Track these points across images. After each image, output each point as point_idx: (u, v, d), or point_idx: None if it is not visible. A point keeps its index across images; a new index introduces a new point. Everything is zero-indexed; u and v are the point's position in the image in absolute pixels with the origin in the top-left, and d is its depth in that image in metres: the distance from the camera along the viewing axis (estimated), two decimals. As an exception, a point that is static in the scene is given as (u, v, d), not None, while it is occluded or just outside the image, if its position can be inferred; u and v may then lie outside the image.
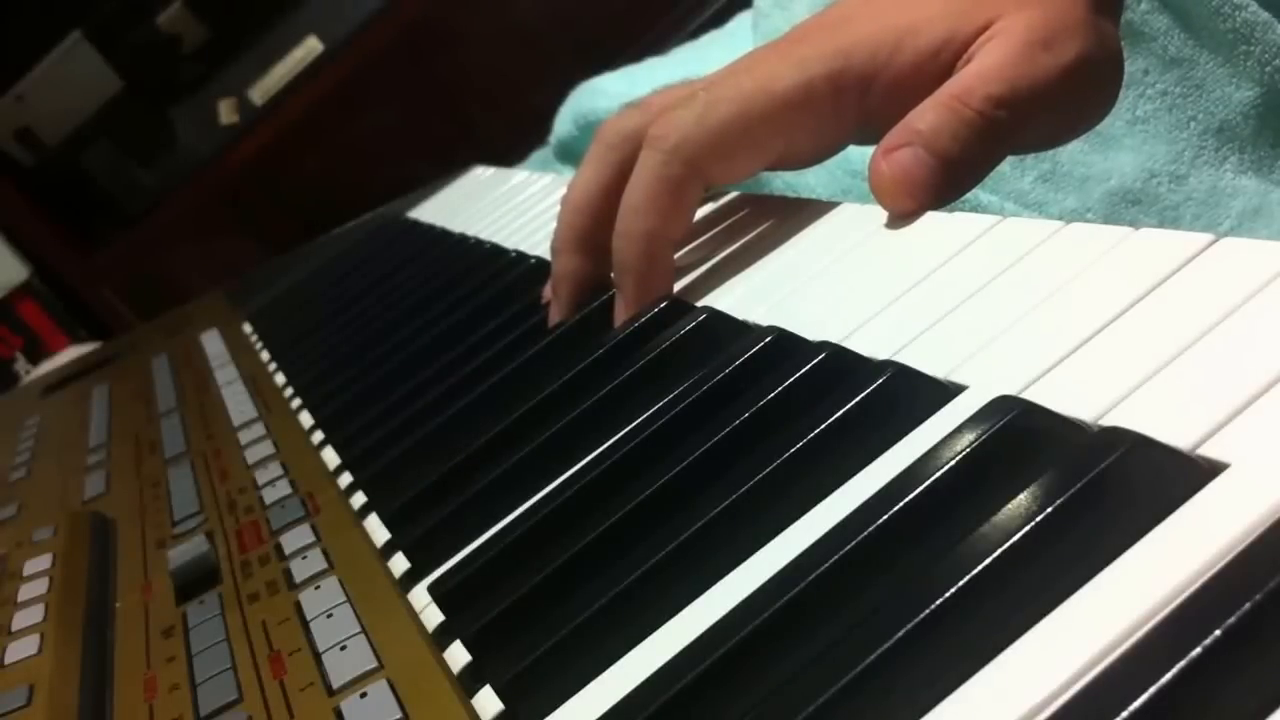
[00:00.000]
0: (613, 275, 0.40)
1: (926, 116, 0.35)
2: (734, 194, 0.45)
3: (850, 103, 0.37)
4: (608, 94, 0.74)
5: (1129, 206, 0.52)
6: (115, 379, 0.76)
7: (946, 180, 0.35)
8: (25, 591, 0.40)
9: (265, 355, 0.64)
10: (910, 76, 0.37)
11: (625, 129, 0.41)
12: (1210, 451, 0.20)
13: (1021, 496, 0.21)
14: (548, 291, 0.44)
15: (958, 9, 0.37)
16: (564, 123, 0.77)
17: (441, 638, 0.29)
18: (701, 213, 0.45)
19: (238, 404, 0.56)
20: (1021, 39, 0.36)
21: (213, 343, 0.72)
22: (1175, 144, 0.52)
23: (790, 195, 0.54)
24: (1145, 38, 0.51)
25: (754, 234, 0.41)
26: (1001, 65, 0.35)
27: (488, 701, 0.26)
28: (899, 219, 0.35)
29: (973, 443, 0.23)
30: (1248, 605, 0.17)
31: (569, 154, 0.77)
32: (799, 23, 0.40)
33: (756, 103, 0.37)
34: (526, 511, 0.32)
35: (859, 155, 0.43)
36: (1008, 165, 0.53)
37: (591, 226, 0.42)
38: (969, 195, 0.39)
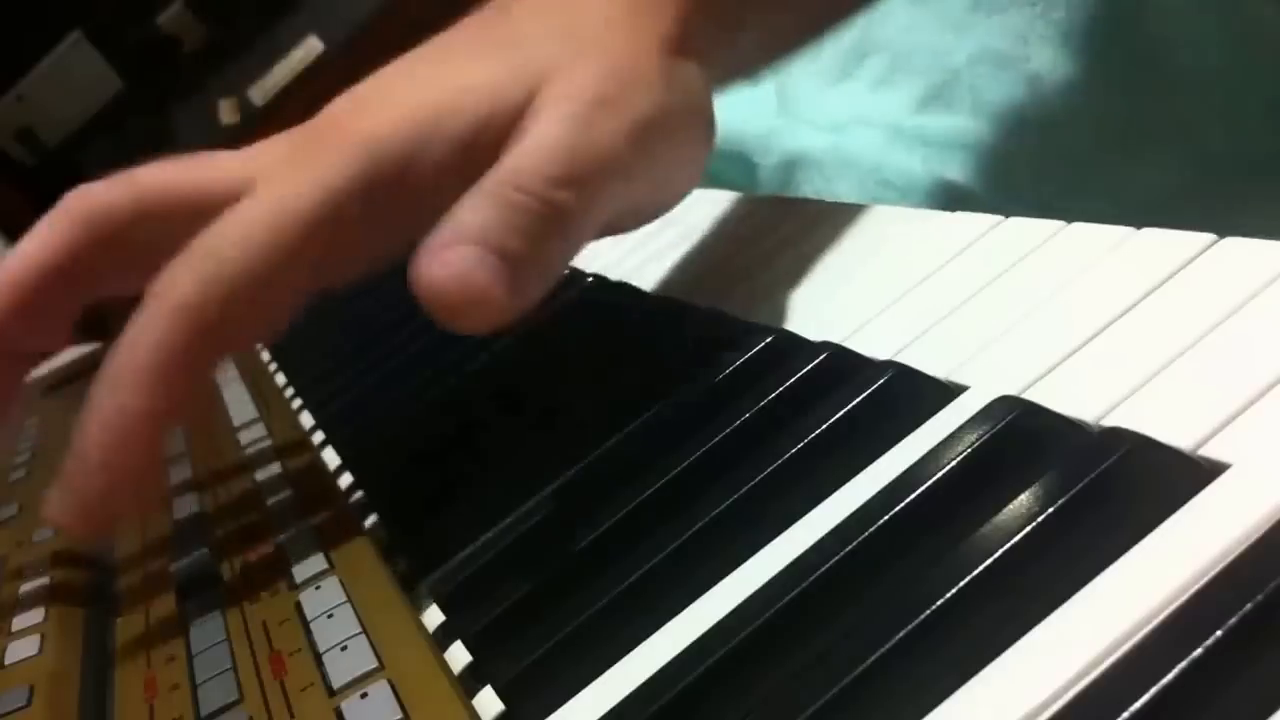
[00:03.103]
0: (67, 467, 0.30)
1: (478, 209, 0.29)
2: (735, 194, 0.45)
3: (391, 206, 0.32)
4: None
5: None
6: (115, 379, 0.75)
7: (518, 280, 0.28)
8: (25, 592, 0.40)
9: (265, 355, 0.64)
10: (459, 165, 0.31)
11: (98, 203, 0.34)
12: (1212, 452, 0.20)
13: (1023, 497, 0.21)
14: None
15: (500, 74, 0.32)
16: None
17: (442, 638, 0.29)
18: (702, 213, 0.45)
19: (238, 404, 0.56)
20: (576, 102, 0.31)
21: (213, 343, 0.72)
22: None
23: None
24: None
25: (755, 235, 0.41)
26: (557, 138, 0.30)
27: (489, 702, 0.26)
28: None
29: (974, 443, 0.23)
30: (1249, 606, 0.17)
31: None
32: (326, 110, 0.34)
33: (269, 246, 0.30)
34: (528, 511, 0.32)
35: (890, 163, 0.43)
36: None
37: (33, 303, 0.34)
38: None
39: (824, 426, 0.27)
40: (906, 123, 0.54)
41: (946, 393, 0.26)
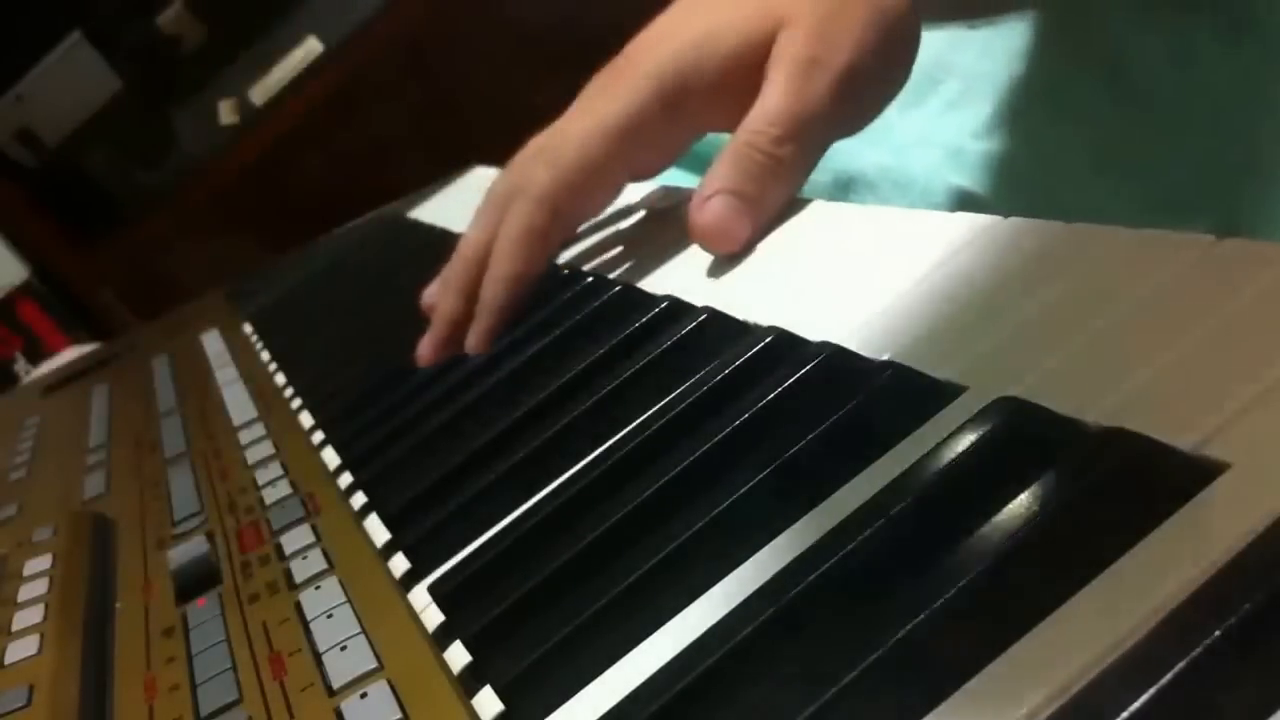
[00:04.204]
0: (477, 308, 0.46)
1: (723, 168, 0.40)
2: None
3: (678, 114, 0.42)
4: None
5: None
6: (115, 379, 0.76)
7: (757, 213, 0.40)
8: (25, 591, 0.40)
9: (265, 355, 0.64)
10: (724, 81, 0.41)
11: (505, 187, 0.47)
12: (1211, 451, 0.20)
13: (1022, 497, 0.21)
14: (428, 340, 0.48)
15: (750, 15, 0.41)
16: None
17: (442, 638, 0.29)
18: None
19: (238, 404, 0.56)
20: (793, 66, 0.39)
21: (213, 343, 0.72)
22: None
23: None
24: None
25: (754, 235, 0.41)
26: (778, 104, 0.39)
27: (488, 702, 0.26)
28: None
29: (974, 443, 0.23)
30: (1248, 605, 0.17)
31: None
32: (626, 49, 0.45)
33: (595, 142, 0.43)
34: (527, 512, 0.32)
35: (947, 186, 0.44)
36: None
37: (478, 275, 0.47)
38: None
39: (824, 426, 0.27)
40: (968, 146, 0.54)
41: (946, 393, 0.26)
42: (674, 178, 0.65)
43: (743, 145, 0.40)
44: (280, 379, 0.58)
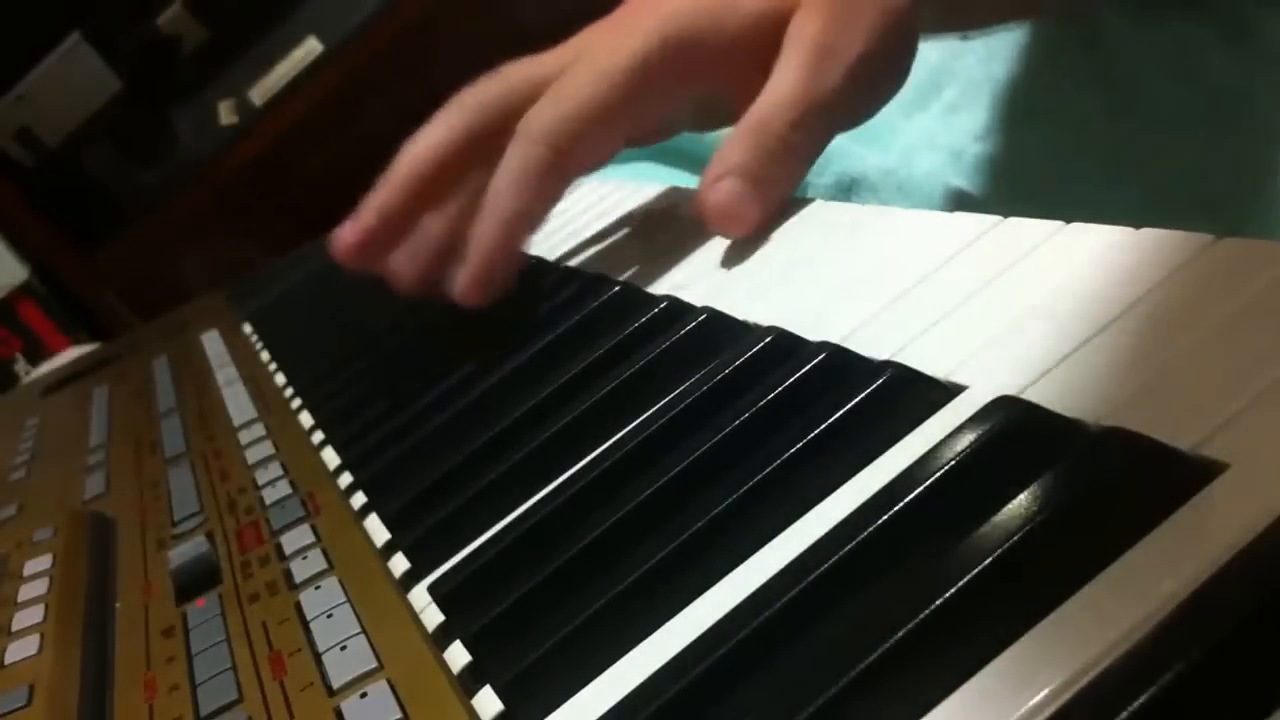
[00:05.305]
0: (465, 247, 0.43)
1: (735, 148, 0.39)
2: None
3: (684, 68, 0.41)
4: None
5: None
6: (115, 380, 0.76)
7: (766, 197, 0.39)
8: (25, 591, 0.40)
9: (265, 355, 0.64)
10: (736, 45, 0.41)
11: (484, 99, 0.45)
12: (1211, 451, 0.20)
13: (1022, 497, 0.21)
14: (348, 231, 0.46)
15: None
16: None
17: (441, 638, 0.29)
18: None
19: (238, 404, 0.56)
20: (809, 50, 0.39)
21: (213, 343, 0.72)
22: None
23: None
24: None
25: (754, 234, 0.41)
26: (793, 88, 0.39)
27: (488, 702, 0.26)
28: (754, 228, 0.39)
29: (973, 443, 0.23)
30: (1248, 605, 0.17)
31: None
32: None
33: (605, 86, 0.41)
34: (527, 512, 0.32)
35: (948, 190, 0.44)
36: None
37: (430, 177, 0.44)
38: None
39: (823, 426, 0.27)
40: (970, 149, 0.54)
41: (946, 393, 0.26)
42: (665, 176, 0.65)
43: (757, 124, 0.39)
44: (280, 379, 0.58)
